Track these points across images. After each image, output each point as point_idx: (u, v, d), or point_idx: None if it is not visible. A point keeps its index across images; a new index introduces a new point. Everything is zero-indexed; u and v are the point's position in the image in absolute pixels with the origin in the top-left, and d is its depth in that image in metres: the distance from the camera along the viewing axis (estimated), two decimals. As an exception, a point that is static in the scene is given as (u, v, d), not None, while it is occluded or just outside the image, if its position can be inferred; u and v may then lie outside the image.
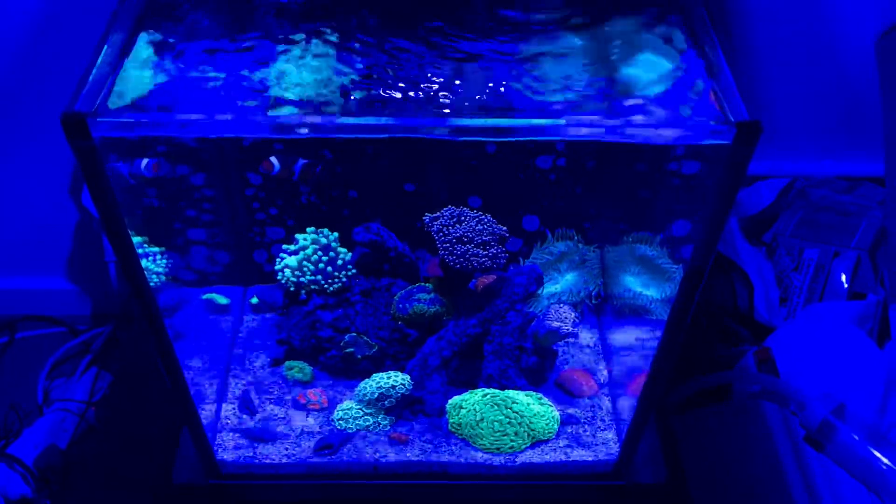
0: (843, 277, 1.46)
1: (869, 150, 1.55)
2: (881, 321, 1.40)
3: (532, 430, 1.20)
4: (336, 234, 1.30)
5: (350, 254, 1.31)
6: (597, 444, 1.21)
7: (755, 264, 1.50)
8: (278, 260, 1.31)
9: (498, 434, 1.20)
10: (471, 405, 1.22)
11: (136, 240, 0.91)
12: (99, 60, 0.86)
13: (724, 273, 1.49)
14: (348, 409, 1.23)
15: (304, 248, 1.29)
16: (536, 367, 1.27)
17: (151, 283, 0.95)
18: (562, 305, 1.27)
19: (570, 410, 1.26)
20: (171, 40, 0.94)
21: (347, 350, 1.27)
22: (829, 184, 1.58)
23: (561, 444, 1.21)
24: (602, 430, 1.23)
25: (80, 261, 1.77)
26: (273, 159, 1.24)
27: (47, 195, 1.64)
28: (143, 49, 0.91)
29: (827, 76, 1.48)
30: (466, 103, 0.91)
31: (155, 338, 0.99)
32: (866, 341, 1.35)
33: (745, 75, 1.47)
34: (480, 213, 1.20)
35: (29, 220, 1.69)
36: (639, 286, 1.23)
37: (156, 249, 1.13)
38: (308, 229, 1.30)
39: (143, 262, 0.93)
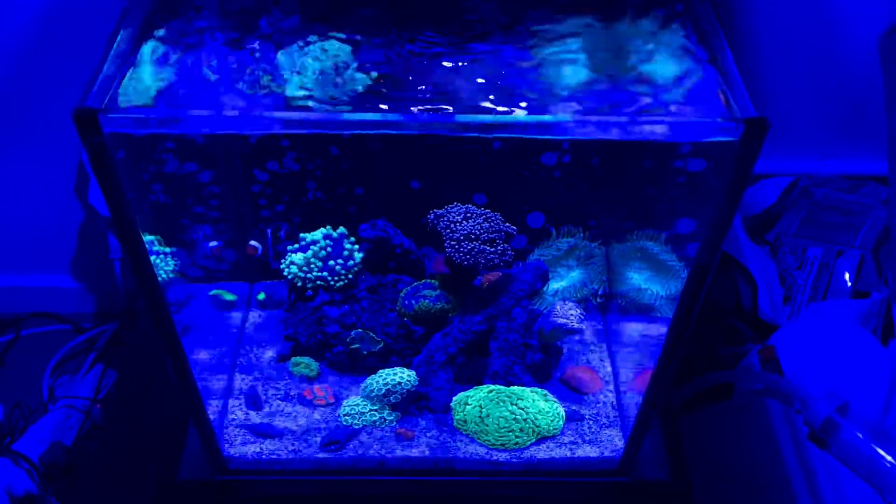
0: (847, 276, 1.46)
1: (872, 150, 1.55)
2: (885, 319, 1.40)
3: (537, 426, 1.20)
4: (342, 228, 1.31)
5: (360, 253, 1.31)
6: (601, 441, 1.22)
7: (759, 263, 1.50)
8: (283, 259, 1.31)
9: (503, 430, 1.20)
10: (476, 401, 1.22)
11: (145, 238, 0.91)
12: (109, 57, 0.86)
13: (728, 271, 1.49)
14: (354, 405, 1.23)
15: (313, 242, 1.29)
16: (542, 363, 1.27)
17: (159, 280, 0.95)
18: (567, 302, 1.27)
19: (575, 407, 1.26)
20: (180, 38, 0.95)
21: (353, 346, 1.27)
22: (833, 183, 1.58)
23: (566, 441, 1.21)
24: (607, 426, 1.24)
25: (84, 258, 1.77)
26: (253, 243, 1.31)
27: (52, 193, 1.64)
28: (152, 46, 0.92)
29: (831, 75, 1.49)
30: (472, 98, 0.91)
31: (162, 332, 0.99)
32: (870, 340, 1.35)
33: (750, 73, 1.46)
34: (487, 210, 1.20)
35: (33, 218, 1.69)
36: (644, 283, 1.24)
37: (166, 250, 1.14)
38: (319, 230, 1.30)
39: (152, 259, 0.93)
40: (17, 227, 1.71)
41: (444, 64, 0.94)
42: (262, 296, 1.42)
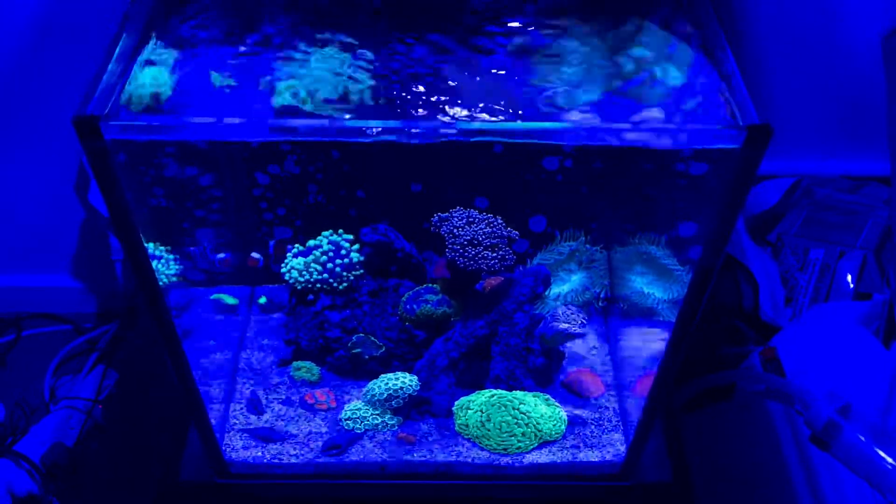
0: (849, 277, 1.46)
1: (874, 150, 1.55)
2: (887, 321, 1.40)
3: (539, 430, 1.20)
4: (345, 234, 1.31)
5: (357, 253, 1.31)
6: (604, 445, 1.22)
7: (761, 263, 1.50)
8: (283, 263, 1.31)
9: (505, 435, 1.20)
10: (478, 406, 1.22)
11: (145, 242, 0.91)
12: (111, 61, 0.86)
13: (730, 272, 1.49)
14: (356, 410, 1.23)
15: (316, 246, 1.28)
16: (543, 368, 1.27)
17: (160, 284, 0.95)
18: (569, 306, 1.27)
19: (577, 411, 1.26)
20: (182, 42, 0.94)
21: (355, 350, 1.27)
22: (835, 183, 1.58)
23: (568, 445, 1.21)
24: (609, 430, 1.24)
25: (85, 259, 1.77)
26: (255, 255, 1.33)
27: (53, 193, 1.64)
28: (154, 50, 0.92)
29: (833, 75, 1.48)
30: (478, 105, 0.91)
31: (163, 337, 0.99)
32: (872, 341, 1.35)
33: (752, 74, 1.47)
34: (490, 215, 1.20)
35: (34, 218, 1.69)
36: (646, 287, 1.24)
37: (169, 256, 1.14)
38: (324, 233, 1.30)
39: (153, 263, 0.93)
40: (18, 227, 1.71)
41: (449, 70, 0.94)
42: (263, 300, 1.42)
